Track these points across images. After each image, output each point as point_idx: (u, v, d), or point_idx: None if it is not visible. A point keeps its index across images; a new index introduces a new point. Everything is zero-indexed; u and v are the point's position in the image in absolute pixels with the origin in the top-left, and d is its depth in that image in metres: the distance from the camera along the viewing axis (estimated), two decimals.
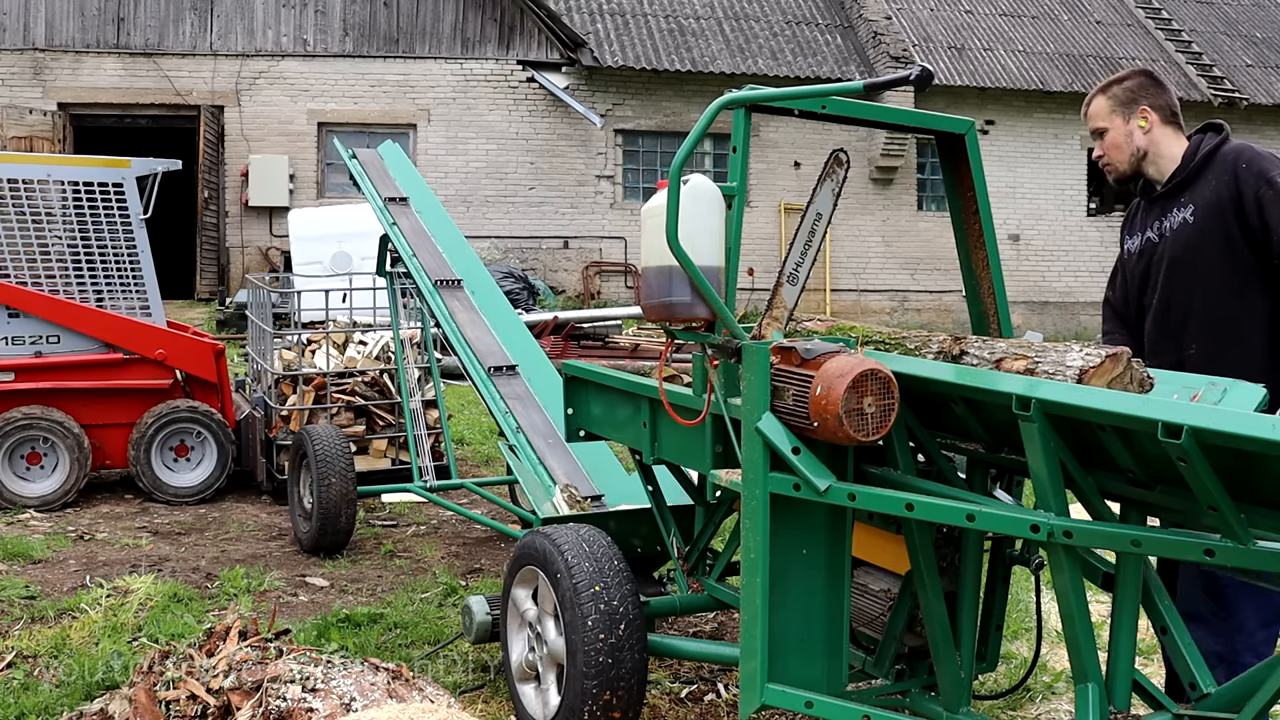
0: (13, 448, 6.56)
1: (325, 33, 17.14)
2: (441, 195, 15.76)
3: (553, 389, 5.06)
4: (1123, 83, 3.25)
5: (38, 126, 15.74)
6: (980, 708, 3.60)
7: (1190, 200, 3.10)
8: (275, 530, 6.22)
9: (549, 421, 4.97)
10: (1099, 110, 3.26)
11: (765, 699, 2.68)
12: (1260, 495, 2.13)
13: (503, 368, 5.24)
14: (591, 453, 4.84)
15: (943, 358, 2.74)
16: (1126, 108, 3.22)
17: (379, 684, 3.01)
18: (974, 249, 3.25)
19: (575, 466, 4.71)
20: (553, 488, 4.46)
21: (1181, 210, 3.11)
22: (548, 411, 5.00)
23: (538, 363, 5.40)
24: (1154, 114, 3.20)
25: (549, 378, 5.25)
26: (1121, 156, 3.23)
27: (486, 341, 5.42)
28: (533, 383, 5.21)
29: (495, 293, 5.84)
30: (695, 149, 2.80)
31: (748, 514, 2.69)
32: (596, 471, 4.77)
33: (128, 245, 7.04)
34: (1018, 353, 2.56)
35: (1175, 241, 3.11)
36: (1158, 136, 3.20)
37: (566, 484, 4.46)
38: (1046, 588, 3.15)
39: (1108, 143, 3.24)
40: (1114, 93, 3.24)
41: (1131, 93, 3.22)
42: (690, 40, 18.41)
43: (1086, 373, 2.38)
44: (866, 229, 18.83)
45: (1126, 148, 3.21)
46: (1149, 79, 3.26)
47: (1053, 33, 20.36)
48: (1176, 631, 2.62)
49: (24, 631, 4.42)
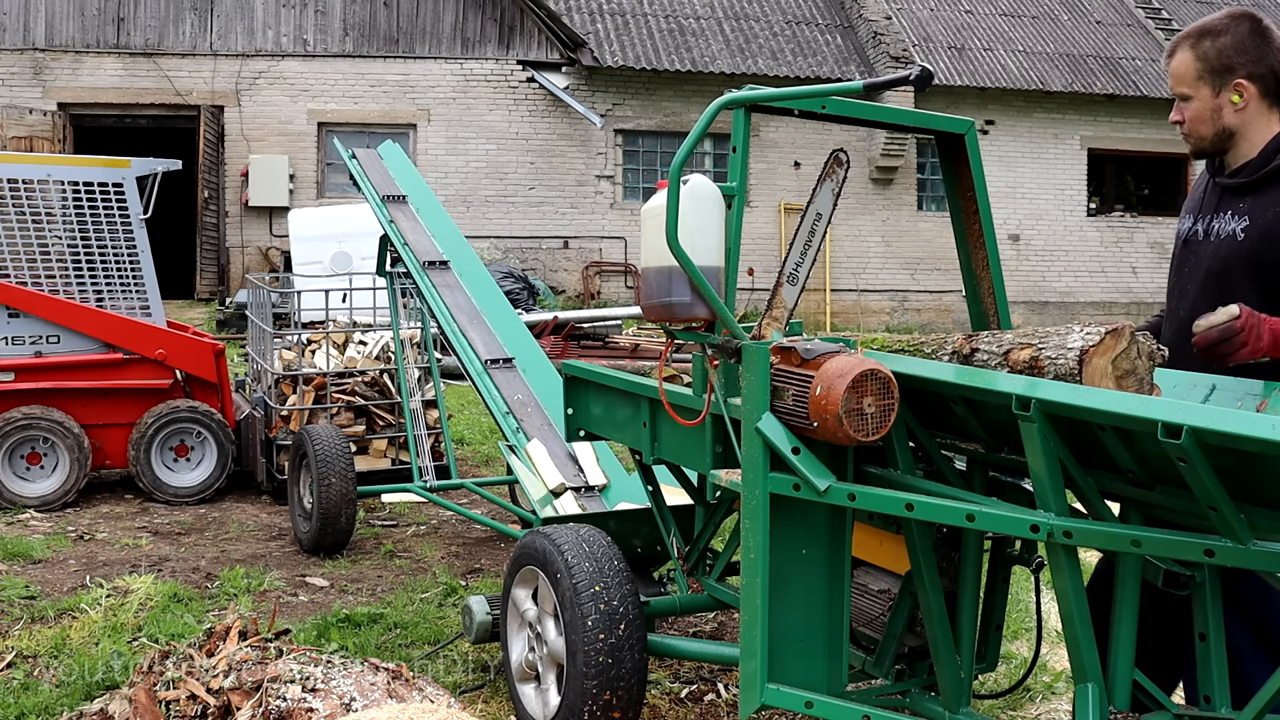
0: (13, 448, 6.56)
1: (325, 33, 17.15)
2: (441, 195, 15.76)
3: (546, 378, 5.04)
4: (1217, 38, 2.60)
5: (38, 126, 15.74)
6: (980, 708, 3.60)
7: (1248, 213, 2.59)
8: (275, 530, 6.22)
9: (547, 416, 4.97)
10: (1184, 71, 2.64)
11: (765, 699, 2.68)
12: (1260, 495, 2.13)
13: (499, 359, 5.20)
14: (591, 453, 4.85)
15: (956, 357, 2.74)
16: (1219, 76, 2.60)
17: (379, 684, 3.01)
18: (974, 249, 3.24)
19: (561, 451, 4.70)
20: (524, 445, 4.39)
21: (1235, 220, 2.62)
22: (544, 406, 4.98)
23: (531, 353, 5.38)
24: (1252, 86, 2.59)
25: (541, 366, 5.17)
26: (1206, 131, 2.66)
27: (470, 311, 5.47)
28: (527, 373, 5.21)
29: (493, 289, 5.85)
30: (695, 149, 2.80)
31: (748, 514, 2.69)
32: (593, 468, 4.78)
33: (128, 245, 7.04)
34: (1023, 341, 2.56)
35: (1218, 254, 2.64)
36: (1251, 116, 2.61)
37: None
38: (1046, 588, 3.15)
39: (1191, 113, 2.66)
40: (1204, 51, 2.61)
41: (1227, 56, 2.59)
42: (690, 40, 18.41)
43: (1088, 352, 2.37)
44: (866, 229, 18.83)
45: (1213, 124, 2.64)
46: (1252, 32, 2.59)
47: (1053, 33, 20.37)
48: (1215, 640, 2.46)
49: (24, 631, 4.42)
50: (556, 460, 4.66)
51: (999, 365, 2.59)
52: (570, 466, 4.69)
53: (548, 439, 4.67)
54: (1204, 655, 2.48)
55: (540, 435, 4.73)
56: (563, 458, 4.73)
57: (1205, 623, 2.47)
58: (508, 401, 4.89)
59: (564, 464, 4.68)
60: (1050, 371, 2.42)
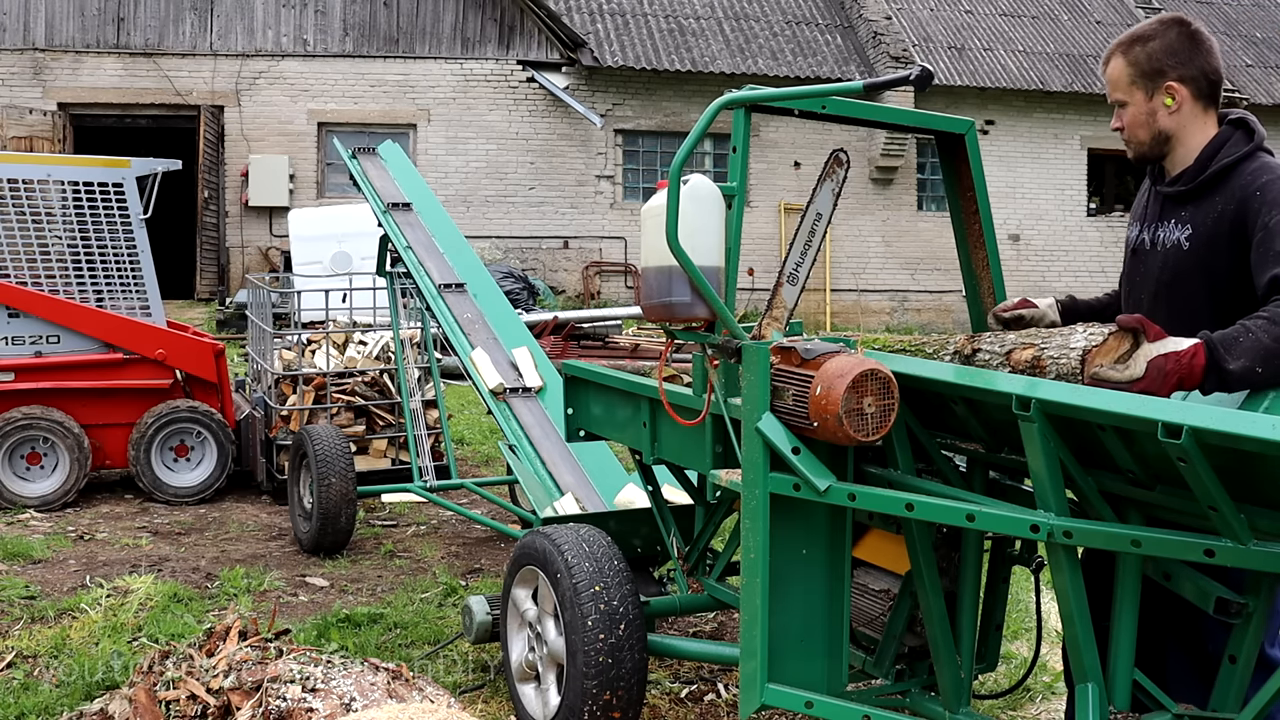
0: (13, 448, 6.56)
1: (325, 33, 17.15)
2: (441, 195, 15.76)
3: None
4: (1147, 43, 2.62)
5: (38, 126, 15.74)
6: (980, 708, 3.60)
7: (1189, 221, 2.60)
8: (275, 530, 6.22)
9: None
10: (1118, 77, 2.66)
11: (765, 699, 2.68)
12: (1260, 495, 2.13)
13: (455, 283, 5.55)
14: (591, 453, 4.85)
15: (958, 357, 2.74)
16: (1149, 80, 2.61)
17: (379, 684, 3.01)
18: (974, 249, 3.25)
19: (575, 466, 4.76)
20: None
21: (1178, 229, 2.62)
22: (490, 324, 5.46)
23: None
24: (1183, 89, 2.59)
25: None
26: (1143, 136, 2.66)
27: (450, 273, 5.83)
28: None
29: (495, 291, 5.91)
30: (695, 149, 2.80)
31: (748, 514, 2.69)
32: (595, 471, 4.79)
33: (128, 245, 7.04)
34: (1025, 341, 2.56)
35: (1166, 264, 2.64)
36: (1186, 119, 2.61)
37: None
38: (1046, 588, 3.15)
39: (1128, 118, 2.67)
40: (1135, 56, 2.63)
41: (1156, 59, 2.60)
42: (690, 40, 18.41)
43: (1090, 353, 2.37)
44: (866, 229, 18.83)
45: (1149, 128, 2.64)
46: (1180, 36, 2.61)
47: (1053, 33, 20.37)
48: (1244, 666, 2.40)
49: (24, 631, 4.42)
50: (497, 365, 5.09)
51: (1001, 365, 2.59)
52: (511, 371, 5.11)
53: (491, 349, 5.21)
54: (1227, 675, 2.43)
55: (485, 346, 5.24)
56: (504, 364, 5.13)
57: (1240, 647, 2.40)
58: (458, 319, 5.40)
59: (504, 369, 5.12)
60: (1052, 371, 2.42)
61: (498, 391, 4.99)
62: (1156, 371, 2.31)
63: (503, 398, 4.97)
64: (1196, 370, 2.30)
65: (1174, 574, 2.40)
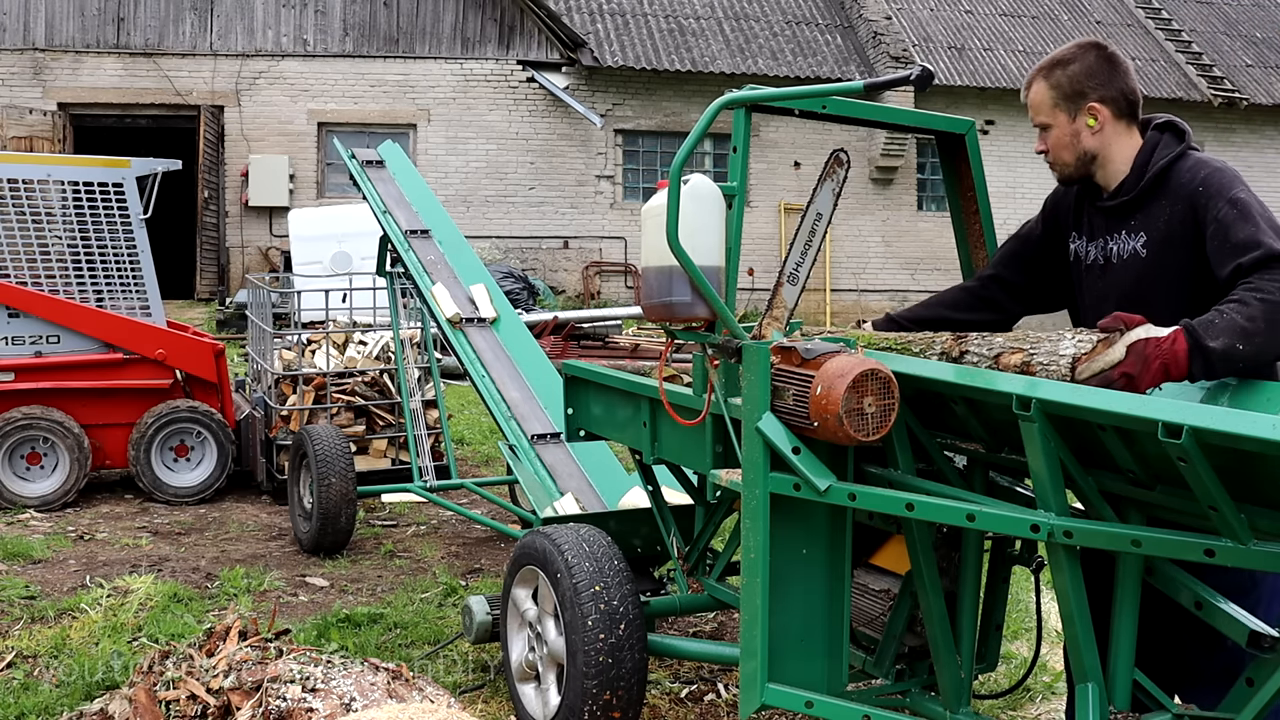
0: (13, 448, 6.56)
1: (325, 33, 17.15)
2: (441, 195, 15.76)
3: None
4: (1067, 67, 2.70)
5: (38, 126, 15.74)
6: (980, 708, 3.60)
7: (1141, 228, 2.65)
8: (275, 530, 6.22)
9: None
10: (1040, 101, 2.73)
11: (765, 699, 2.68)
12: (1260, 495, 2.12)
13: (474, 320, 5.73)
14: (591, 453, 4.85)
15: (945, 358, 2.74)
16: (1071, 102, 2.69)
17: (379, 684, 3.01)
18: (974, 249, 3.24)
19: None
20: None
21: (1131, 238, 2.67)
22: (450, 265, 5.85)
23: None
24: (1105, 109, 2.68)
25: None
26: (1068, 157, 2.74)
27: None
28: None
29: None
30: (695, 149, 2.80)
31: (748, 514, 2.69)
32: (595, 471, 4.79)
33: (128, 245, 7.04)
34: (1014, 346, 2.56)
35: (1126, 274, 2.68)
36: (1109, 137, 2.69)
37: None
38: (1046, 588, 3.15)
39: (1052, 141, 2.75)
40: (1056, 80, 2.70)
41: (1077, 82, 2.68)
42: (690, 40, 18.41)
43: (1079, 360, 2.37)
44: (866, 229, 18.83)
45: (1073, 149, 2.72)
46: (1099, 59, 2.69)
47: (1053, 33, 20.36)
48: (1265, 691, 2.31)
49: (24, 631, 4.42)
50: (455, 298, 5.60)
51: (989, 369, 2.59)
52: (468, 305, 5.63)
53: (450, 285, 5.70)
54: (1241, 694, 2.38)
55: (445, 283, 5.71)
56: (461, 298, 5.63)
57: (1259, 672, 2.32)
58: (422, 260, 5.82)
59: (462, 302, 5.60)
60: (1041, 377, 2.42)
61: (454, 320, 5.50)
62: (1137, 355, 2.33)
63: (459, 326, 5.50)
64: (1180, 355, 2.32)
65: (1205, 604, 2.37)
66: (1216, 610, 2.36)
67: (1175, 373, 2.34)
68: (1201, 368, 2.34)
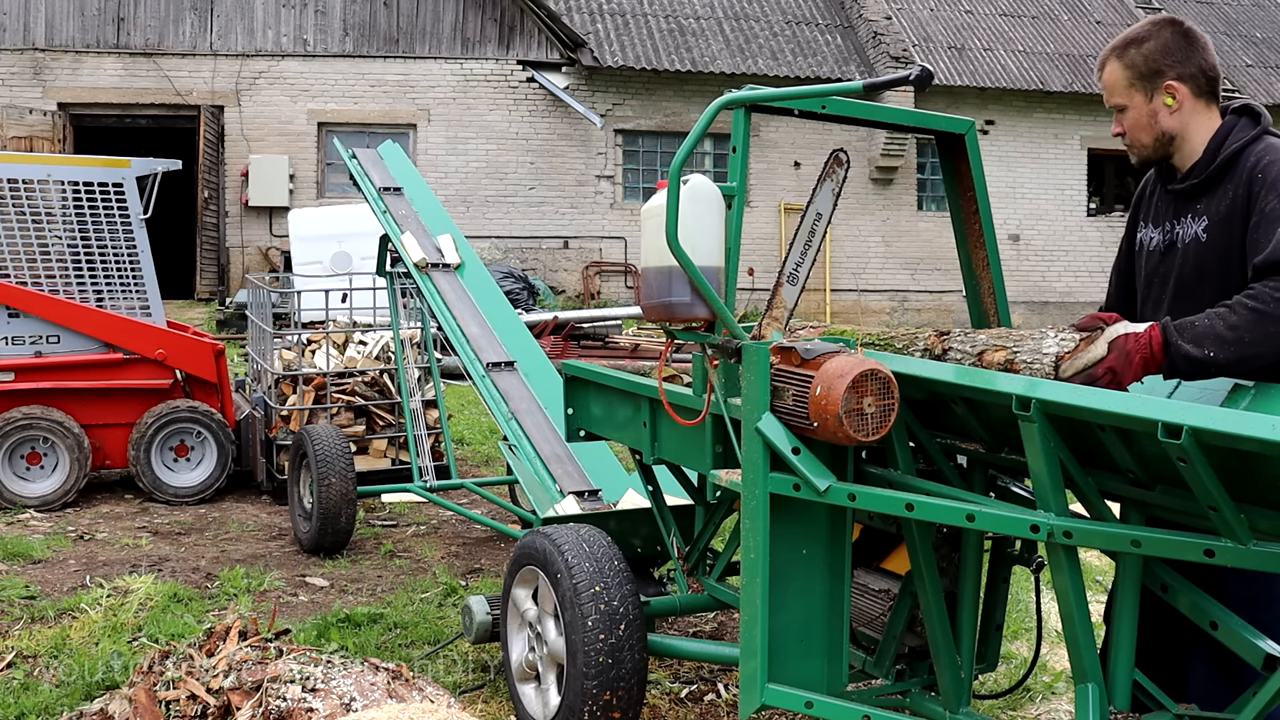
0: (13, 448, 6.56)
1: (325, 33, 17.15)
2: (441, 195, 15.76)
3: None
4: (1141, 45, 2.59)
5: (38, 126, 15.74)
6: (980, 708, 3.60)
7: (1205, 211, 2.56)
8: (275, 530, 6.22)
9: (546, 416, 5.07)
10: (1115, 82, 2.62)
11: (765, 699, 2.68)
12: (1260, 495, 2.12)
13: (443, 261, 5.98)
14: (591, 453, 4.85)
15: (927, 355, 2.74)
16: (1148, 81, 2.58)
17: (379, 684, 3.01)
18: (974, 249, 3.24)
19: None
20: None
21: (1195, 221, 2.58)
22: (422, 221, 6.07)
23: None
24: (1183, 87, 2.56)
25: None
26: (1146, 139, 2.62)
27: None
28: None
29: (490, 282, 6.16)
30: (695, 149, 2.80)
31: (748, 514, 2.69)
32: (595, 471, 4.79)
33: (128, 245, 7.04)
34: (997, 344, 2.56)
35: (1185, 259, 2.60)
36: (1188, 117, 2.57)
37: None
38: (1046, 588, 3.15)
39: (1129, 123, 2.63)
40: (1132, 59, 2.59)
41: (1153, 60, 2.57)
42: (690, 40, 18.41)
43: (1063, 357, 2.38)
44: (866, 229, 18.83)
45: (1151, 130, 2.60)
46: (1175, 35, 2.58)
47: (1053, 33, 20.37)
48: (1226, 623, 2.34)
49: (24, 631, 4.42)
50: (423, 246, 5.95)
51: (972, 366, 2.59)
52: (434, 251, 5.98)
53: (419, 235, 6.04)
54: (1244, 697, 2.36)
55: (414, 232, 6.06)
56: (429, 246, 5.99)
57: (1265, 679, 2.29)
58: (393, 213, 6.15)
59: (429, 249, 5.97)
60: (1024, 375, 2.43)
61: (421, 265, 5.87)
62: (1119, 350, 2.35)
63: (425, 270, 5.88)
64: (1156, 350, 2.35)
65: (1221, 624, 2.36)
66: (1233, 633, 2.35)
67: (1153, 367, 2.36)
68: (1169, 367, 2.35)
